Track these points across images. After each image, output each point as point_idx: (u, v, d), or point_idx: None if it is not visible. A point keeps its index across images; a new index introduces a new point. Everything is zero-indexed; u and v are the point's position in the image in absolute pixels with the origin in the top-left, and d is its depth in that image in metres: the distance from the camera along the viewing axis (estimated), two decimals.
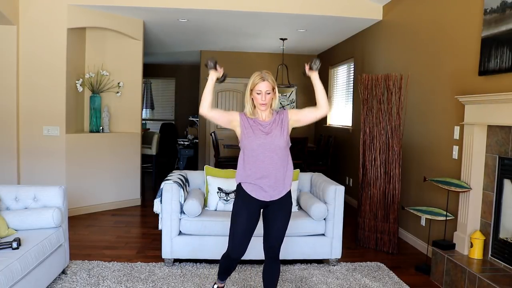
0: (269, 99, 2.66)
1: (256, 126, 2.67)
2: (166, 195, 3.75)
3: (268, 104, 2.68)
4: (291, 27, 6.34)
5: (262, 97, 2.63)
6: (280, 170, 2.67)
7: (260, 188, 2.66)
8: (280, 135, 2.66)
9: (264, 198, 2.68)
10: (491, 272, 3.18)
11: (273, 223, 2.73)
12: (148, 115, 11.37)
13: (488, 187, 3.48)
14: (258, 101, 2.65)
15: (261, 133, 2.65)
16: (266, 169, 2.63)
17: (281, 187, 2.69)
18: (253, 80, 2.65)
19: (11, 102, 5.13)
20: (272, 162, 2.64)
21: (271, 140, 2.64)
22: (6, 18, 4.81)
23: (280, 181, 2.68)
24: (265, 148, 2.63)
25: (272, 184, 2.66)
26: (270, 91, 2.65)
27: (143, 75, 6.35)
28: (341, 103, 7.45)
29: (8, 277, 2.46)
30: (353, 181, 6.54)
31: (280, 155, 2.65)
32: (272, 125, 2.68)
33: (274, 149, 2.64)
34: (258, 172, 2.64)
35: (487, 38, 3.40)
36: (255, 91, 2.65)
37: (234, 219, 2.72)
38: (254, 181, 2.65)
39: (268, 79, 2.64)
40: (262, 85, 2.63)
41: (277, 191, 2.68)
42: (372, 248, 4.49)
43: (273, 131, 2.66)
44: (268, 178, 2.64)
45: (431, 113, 4.35)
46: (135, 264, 3.79)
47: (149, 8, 5.36)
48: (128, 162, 6.05)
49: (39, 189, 3.40)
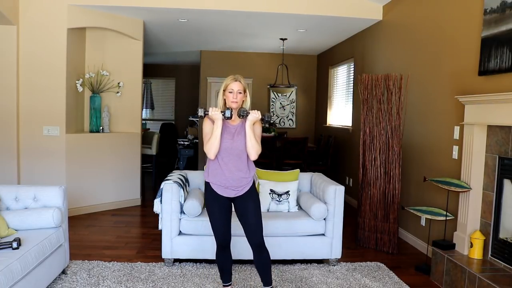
0: (240, 98, 2.82)
1: (224, 129, 2.81)
2: (166, 195, 3.75)
3: (239, 104, 2.83)
4: (291, 27, 6.34)
5: (233, 95, 2.80)
6: (243, 170, 2.85)
7: (225, 187, 2.85)
8: (244, 140, 2.83)
9: (229, 195, 2.87)
10: (491, 272, 3.18)
11: (245, 216, 2.90)
12: (148, 115, 11.37)
13: (488, 187, 3.48)
14: (229, 99, 2.81)
15: (228, 138, 2.81)
16: (230, 171, 2.83)
17: (244, 183, 2.87)
18: (225, 81, 2.85)
19: (11, 102, 5.13)
20: (235, 164, 2.84)
21: (236, 145, 2.82)
22: (6, 18, 4.81)
23: (244, 179, 2.86)
24: (229, 152, 2.82)
25: (236, 184, 2.85)
26: (241, 91, 2.82)
27: (143, 75, 6.35)
28: (341, 103, 7.45)
29: (8, 277, 2.46)
30: (353, 181, 6.54)
31: (243, 158, 2.85)
32: (240, 129, 2.84)
33: (238, 154, 2.83)
34: (223, 174, 2.83)
35: (487, 38, 3.40)
36: (227, 91, 2.83)
37: (209, 213, 2.93)
38: (220, 181, 2.85)
39: (240, 80, 2.84)
40: (234, 85, 2.82)
41: (241, 188, 2.87)
42: (372, 248, 4.49)
43: (239, 136, 2.83)
44: (232, 178, 2.84)
45: (431, 113, 4.35)
46: (135, 264, 3.79)
47: (149, 8, 5.36)
48: (128, 162, 6.05)
49: (39, 189, 3.40)
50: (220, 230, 2.91)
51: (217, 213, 2.89)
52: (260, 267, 2.93)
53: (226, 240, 2.94)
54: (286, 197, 4.08)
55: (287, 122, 9.17)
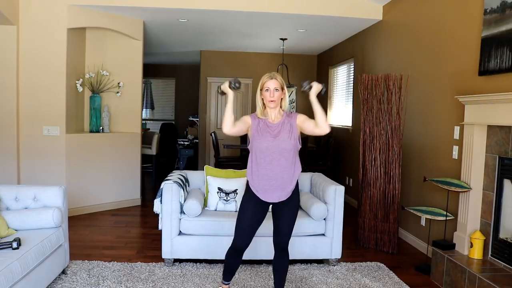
0: (277, 96, 2.72)
1: (265, 129, 2.73)
2: (166, 195, 3.75)
3: (277, 102, 2.74)
4: (291, 27, 6.34)
5: (270, 93, 2.71)
6: (287, 172, 2.73)
7: (267, 190, 2.73)
8: (288, 138, 2.72)
9: (271, 200, 2.76)
10: (491, 272, 3.18)
11: (281, 220, 2.81)
12: (148, 115, 11.38)
13: (488, 187, 3.48)
14: (266, 98, 2.73)
15: (269, 136, 2.71)
16: (273, 171, 2.70)
17: (288, 188, 2.75)
18: (262, 80, 2.75)
19: (11, 102, 5.13)
20: (279, 164, 2.71)
21: (278, 143, 2.70)
22: (6, 18, 4.80)
23: (287, 183, 2.74)
24: (272, 151, 2.70)
25: (279, 186, 2.73)
26: (278, 89, 2.72)
27: (143, 75, 6.35)
28: (341, 103, 7.45)
29: (8, 277, 2.46)
30: (353, 181, 6.54)
31: (287, 157, 2.72)
32: (281, 127, 2.74)
33: (282, 152, 2.71)
34: (266, 175, 2.71)
35: (487, 38, 3.40)
36: (264, 89, 2.73)
37: (241, 212, 2.81)
38: (262, 183, 2.73)
39: (277, 77, 2.73)
40: (270, 82, 2.71)
41: (285, 193, 2.75)
42: (372, 248, 4.49)
43: (281, 134, 2.72)
44: (275, 180, 2.71)
45: (431, 113, 4.35)
46: (135, 264, 3.79)
47: (149, 8, 5.36)
48: (128, 162, 6.04)
49: (39, 189, 3.40)
50: (244, 233, 2.78)
51: (249, 214, 2.77)
52: (278, 269, 2.90)
53: (245, 244, 2.82)
54: None
55: None
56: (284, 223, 2.81)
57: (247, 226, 2.78)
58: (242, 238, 2.80)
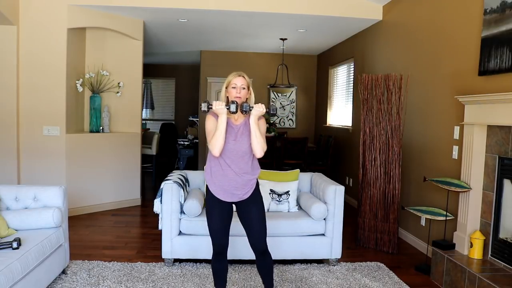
0: (244, 94, 2.68)
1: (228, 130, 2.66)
2: (166, 195, 3.75)
3: (243, 100, 2.69)
4: (291, 27, 6.35)
5: (237, 90, 2.67)
6: (247, 173, 2.72)
7: (227, 190, 2.72)
8: (248, 141, 2.69)
9: (231, 199, 2.74)
10: (491, 272, 3.18)
11: (249, 222, 2.78)
12: (148, 115, 11.37)
13: (488, 187, 3.48)
14: (232, 95, 2.67)
15: (231, 138, 2.67)
16: (233, 173, 2.69)
17: (248, 187, 2.74)
18: (228, 78, 2.71)
19: (11, 102, 5.13)
20: (239, 166, 2.69)
21: (240, 146, 2.68)
22: (6, 18, 4.80)
23: (247, 183, 2.73)
24: (233, 153, 2.68)
25: (239, 187, 2.71)
26: (245, 87, 2.69)
27: (143, 75, 6.35)
28: (341, 103, 7.45)
29: (8, 277, 2.46)
30: (353, 181, 6.54)
31: (246, 159, 2.71)
32: (243, 128, 2.70)
33: (242, 155, 2.69)
34: (225, 175, 2.69)
35: (487, 38, 3.40)
36: (230, 86, 2.69)
37: (208, 217, 2.80)
38: (222, 185, 2.71)
39: (244, 76, 2.70)
40: (238, 79, 2.68)
41: (244, 191, 2.74)
42: (372, 248, 4.49)
43: (242, 137, 2.69)
44: (235, 181, 2.70)
45: (431, 113, 4.35)
46: (135, 264, 3.79)
47: (149, 8, 5.36)
48: (128, 162, 6.05)
49: (39, 189, 3.40)
50: (217, 235, 2.77)
51: (216, 217, 2.76)
52: (263, 272, 2.86)
53: (223, 245, 2.80)
54: (286, 197, 4.08)
55: (287, 122, 9.17)
56: (254, 220, 2.76)
57: (218, 228, 2.76)
58: (218, 240, 2.78)
